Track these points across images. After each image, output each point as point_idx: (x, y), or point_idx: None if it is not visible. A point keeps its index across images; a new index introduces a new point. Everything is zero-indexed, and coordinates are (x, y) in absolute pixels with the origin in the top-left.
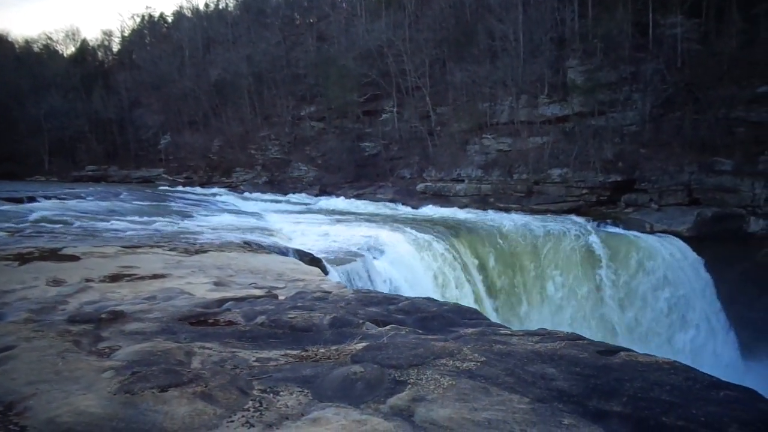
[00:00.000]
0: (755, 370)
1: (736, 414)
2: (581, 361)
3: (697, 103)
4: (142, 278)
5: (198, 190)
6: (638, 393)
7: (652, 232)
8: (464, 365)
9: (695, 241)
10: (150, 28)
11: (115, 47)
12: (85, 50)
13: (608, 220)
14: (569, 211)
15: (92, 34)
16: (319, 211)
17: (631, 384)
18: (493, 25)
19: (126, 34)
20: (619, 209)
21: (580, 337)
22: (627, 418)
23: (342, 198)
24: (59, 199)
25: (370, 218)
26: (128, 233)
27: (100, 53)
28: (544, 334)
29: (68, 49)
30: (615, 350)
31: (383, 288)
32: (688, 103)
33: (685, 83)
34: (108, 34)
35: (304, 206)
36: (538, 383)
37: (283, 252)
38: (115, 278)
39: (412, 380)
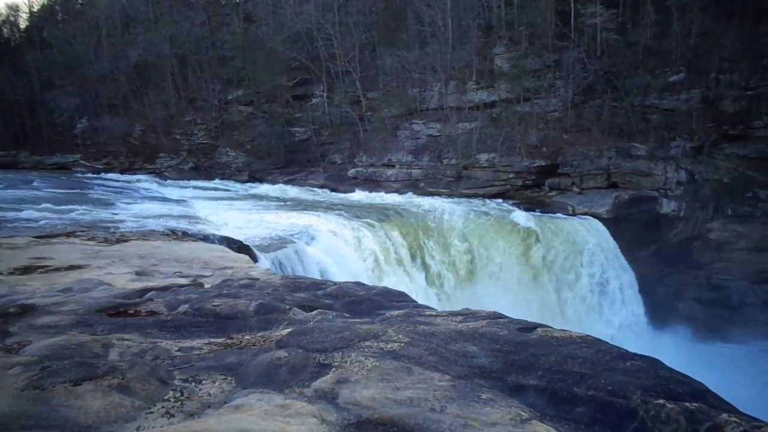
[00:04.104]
0: (663, 341)
1: (640, 381)
2: (501, 338)
3: (615, 91)
4: (57, 270)
5: (119, 176)
6: (553, 366)
7: (574, 214)
8: (388, 346)
9: (613, 222)
10: (62, 4)
11: (23, 24)
12: None
13: (533, 204)
14: (497, 195)
15: None
16: (249, 198)
17: (546, 358)
18: (422, 11)
19: (35, 9)
20: (544, 193)
21: (501, 316)
22: (542, 390)
23: (272, 184)
24: None
25: (302, 204)
26: (41, 223)
27: (5, 30)
28: (467, 314)
29: None
30: (533, 327)
31: (315, 274)
32: (607, 90)
33: (604, 71)
34: (14, 9)
35: (233, 193)
36: (460, 361)
37: (211, 240)
38: (26, 270)
39: (336, 363)
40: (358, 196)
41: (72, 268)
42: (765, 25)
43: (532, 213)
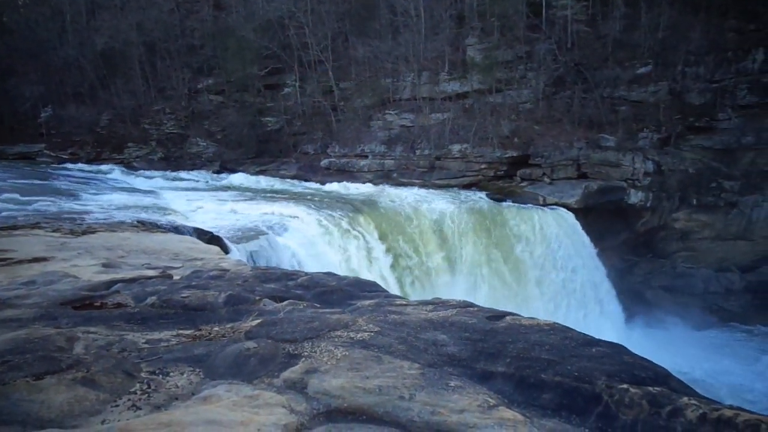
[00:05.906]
0: (635, 331)
1: (605, 367)
2: (470, 326)
3: (585, 83)
4: (20, 262)
5: (86, 167)
6: (521, 353)
7: (544, 204)
8: (358, 336)
9: (582, 212)
10: None
11: None
12: None
13: (505, 194)
14: (469, 186)
15: None
16: (220, 189)
17: (514, 345)
18: (395, 0)
19: None
20: (515, 183)
21: (471, 304)
22: (510, 377)
23: (244, 174)
24: None
25: (274, 195)
26: (3, 214)
27: None
28: (437, 303)
29: None
30: (501, 315)
31: (288, 265)
32: (578, 82)
33: (574, 63)
34: None
35: (204, 183)
36: (430, 349)
37: (181, 231)
38: None
39: (306, 353)
40: (331, 186)
41: (36, 260)
42: (730, 18)
43: (502, 203)
